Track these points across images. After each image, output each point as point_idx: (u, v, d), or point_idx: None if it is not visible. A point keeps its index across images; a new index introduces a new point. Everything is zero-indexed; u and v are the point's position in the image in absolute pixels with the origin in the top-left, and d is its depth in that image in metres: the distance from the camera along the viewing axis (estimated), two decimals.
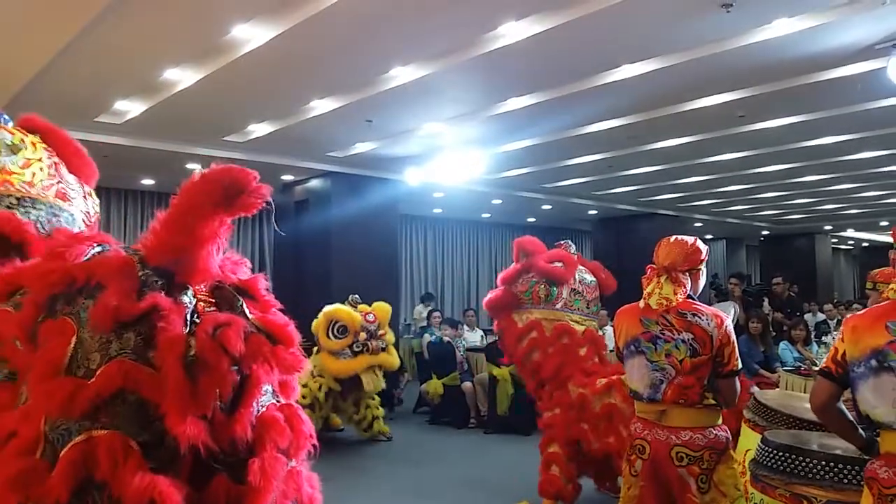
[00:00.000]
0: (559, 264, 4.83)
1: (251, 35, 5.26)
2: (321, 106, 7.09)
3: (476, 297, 16.31)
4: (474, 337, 9.65)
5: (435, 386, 8.31)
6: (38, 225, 1.86)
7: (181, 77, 6.16)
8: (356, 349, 6.66)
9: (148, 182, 10.52)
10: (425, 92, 6.54)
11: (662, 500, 2.91)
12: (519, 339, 4.78)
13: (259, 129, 8.01)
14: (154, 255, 1.32)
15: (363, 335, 6.70)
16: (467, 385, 8.15)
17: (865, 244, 23.81)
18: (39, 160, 1.99)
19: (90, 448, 1.21)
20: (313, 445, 1.41)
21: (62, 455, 1.21)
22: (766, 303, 9.81)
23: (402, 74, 6.16)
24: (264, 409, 1.35)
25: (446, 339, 8.70)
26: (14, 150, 1.94)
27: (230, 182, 1.24)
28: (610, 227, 15.19)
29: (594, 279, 5.02)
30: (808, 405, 2.55)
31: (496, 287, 5.05)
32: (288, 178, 10.43)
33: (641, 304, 3.05)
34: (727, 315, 3.01)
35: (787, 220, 17.24)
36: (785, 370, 6.77)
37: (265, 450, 1.29)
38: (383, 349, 6.80)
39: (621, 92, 6.62)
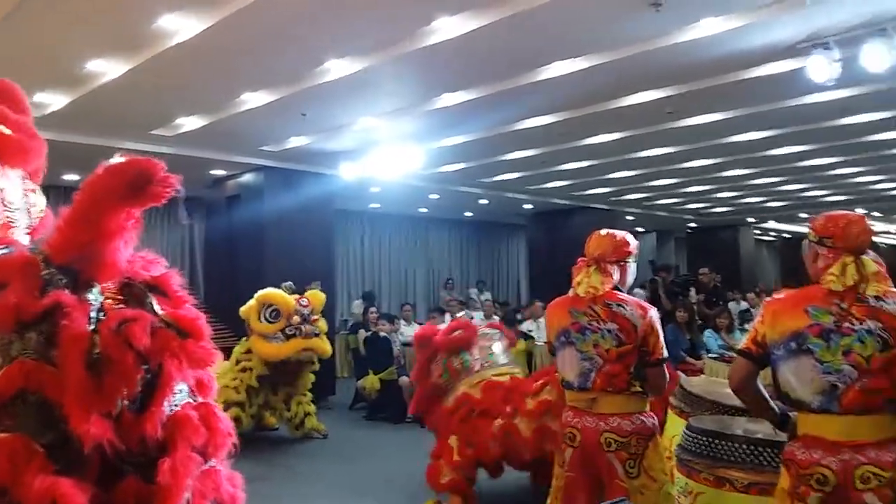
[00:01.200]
0: (458, 332, 4.99)
1: (179, 26, 5.10)
2: (253, 99, 6.94)
3: (413, 292, 16.28)
4: (411, 331, 9.64)
5: (371, 381, 8.28)
6: None
7: (106, 69, 5.93)
8: (289, 332, 6.59)
9: (71, 177, 10.08)
10: (361, 86, 6.47)
11: (592, 488, 2.98)
12: (451, 415, 4.70)
13: (189, 123, 7.78)
14: (58, 252, 1.28)
15: (296, 318, 6.63)
16: (404, 380, 8.15)
17: (787, 235, 24.74)
18: None
19: None
20: (234, 444, 1.38)
21: None
22: (692, 292, 10.12)
23: (336, 68, 6.07)
24: (178, 408, 1.32)
25: (382, 334, 8.68)
26: None
27: (135, 173, 1.22)
28: (544, 221, 15.36)
29: (496, 330, 5.32)
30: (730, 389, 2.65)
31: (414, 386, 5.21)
32: (219, 172, 10.18)
33: (571, 293, 3.13)
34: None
35: (713, 212, 17.77)
36: (710, 357, 7.00)
37: (177, 449, 1.26)
38: (316, 335, 6.76)
39: (554, 89, 6.69)
